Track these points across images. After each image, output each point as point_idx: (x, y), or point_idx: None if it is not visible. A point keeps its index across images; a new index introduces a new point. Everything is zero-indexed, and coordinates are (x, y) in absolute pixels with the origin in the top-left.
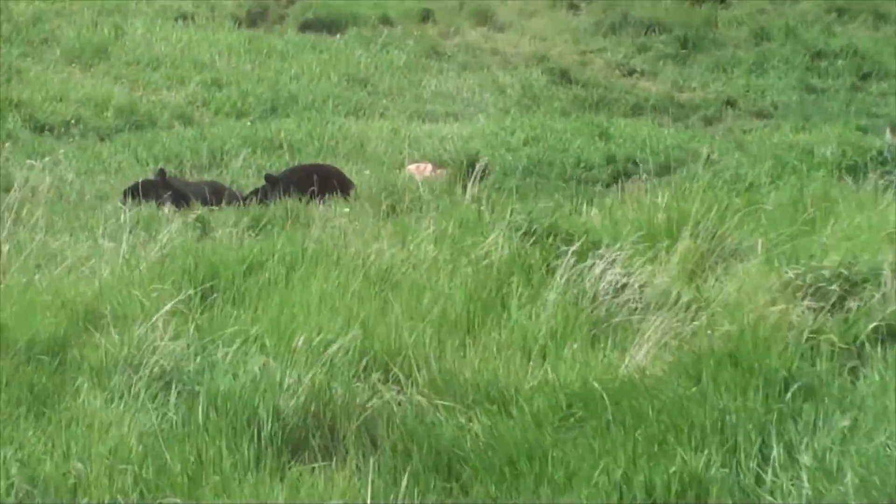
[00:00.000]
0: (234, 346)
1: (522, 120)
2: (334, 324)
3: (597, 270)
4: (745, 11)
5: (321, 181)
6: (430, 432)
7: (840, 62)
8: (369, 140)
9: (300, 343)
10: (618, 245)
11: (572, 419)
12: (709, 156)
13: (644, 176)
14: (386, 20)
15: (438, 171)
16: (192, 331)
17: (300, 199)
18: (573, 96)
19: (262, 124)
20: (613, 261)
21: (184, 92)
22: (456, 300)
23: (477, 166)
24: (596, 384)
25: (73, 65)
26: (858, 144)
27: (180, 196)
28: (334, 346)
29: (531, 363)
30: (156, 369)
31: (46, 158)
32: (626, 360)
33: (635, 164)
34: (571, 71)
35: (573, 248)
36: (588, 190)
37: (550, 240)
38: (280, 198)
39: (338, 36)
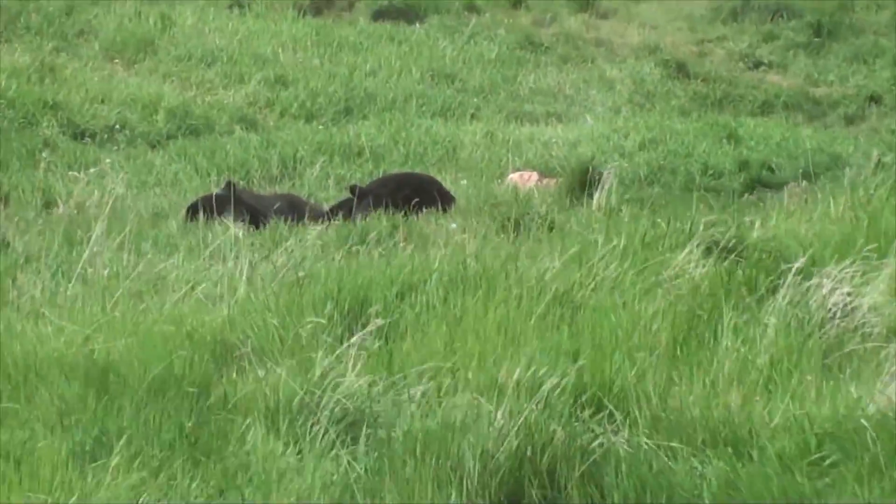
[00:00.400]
0: (425, 383)
1: (636, 120)
2: (529, 353)
3: (823, 291)
4: None
5: (417, 193)
6: (663, 480)
7: None
8: (462, 145)
9: (514, 377)
10: (848, 261)
11: (824, 463)
12: (880, 158)
13: (803, 182)
14: (472, 7)
15: (546, 181)
16: (355, 364)
17: (398, 213)
18: (692, 92)
19: (336, 128)
20: (841, 280)
21: (243, 91)
22: (657, 326)
23: (605, 174)
24: (863, 421)
25: (115, 61)
26: None
27: (254, 212)
28: (549, 381)
29: (756, 397)
30: (337, 409)
31: (91, 170)
32: (874, 395)
33: (770, 170)
34: (689, 63)
35: (797, 264)
36: (722, 199)
37: (756, 257)
38: (371, 211)
39: (417, 25)
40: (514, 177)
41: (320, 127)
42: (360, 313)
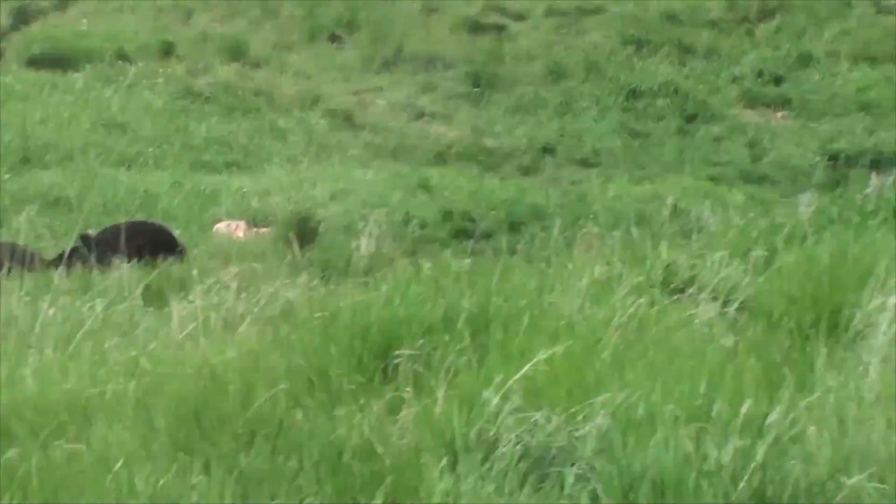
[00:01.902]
0: (604, 416)
1: (321, 170)
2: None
3: None
4: (534, 43)
5: (153, 241)
6: None
7: (660, 102)
8: (156, 195)
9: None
10: None
11: None
12: (675, 205)
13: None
14: (123, 55)
15: (255, 230)
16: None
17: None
18: (364, 143)
19: (31, 176)
20: None
21: None
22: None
23: (370, 221)
24: None
25: None
26: None
27: None
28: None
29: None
30: (518, 446)
31: None
32: None
33: (472, 220)
34: (354, 114)
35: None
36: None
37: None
38: (105, 259)
39: (73, 73)
40: (221, 227)
41: (7, 176)
42: (385, 353)
